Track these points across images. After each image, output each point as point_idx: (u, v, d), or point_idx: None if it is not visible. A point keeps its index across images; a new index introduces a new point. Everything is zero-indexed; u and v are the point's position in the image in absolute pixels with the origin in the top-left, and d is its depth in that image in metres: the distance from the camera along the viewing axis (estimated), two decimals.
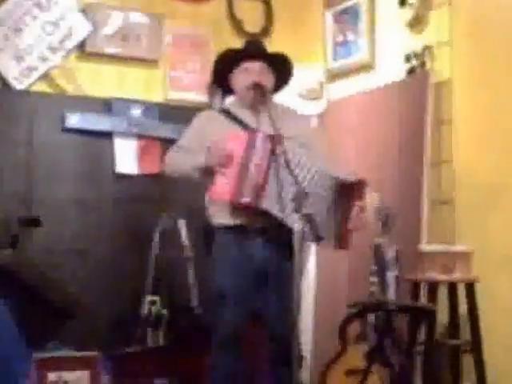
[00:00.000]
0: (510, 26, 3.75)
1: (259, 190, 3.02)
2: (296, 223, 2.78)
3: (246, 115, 3.30)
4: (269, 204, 3.04)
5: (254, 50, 3.39)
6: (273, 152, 3.05)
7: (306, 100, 4.70)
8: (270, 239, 3.17)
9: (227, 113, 3.34)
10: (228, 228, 3.20)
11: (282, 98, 3.56)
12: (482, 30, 3.90)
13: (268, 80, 3.33)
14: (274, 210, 3.04)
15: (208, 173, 3.17)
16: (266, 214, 3.08)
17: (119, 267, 4.45)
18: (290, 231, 2.82)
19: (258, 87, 3.26)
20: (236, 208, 3.13)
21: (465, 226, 3.92)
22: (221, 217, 3.21)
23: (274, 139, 3.03)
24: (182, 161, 3.27)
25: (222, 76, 3.41)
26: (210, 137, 3.22)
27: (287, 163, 2.97)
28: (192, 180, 3.27)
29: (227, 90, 3.45)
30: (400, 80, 4.27)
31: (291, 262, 2.80)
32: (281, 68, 3.39)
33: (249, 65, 3.31)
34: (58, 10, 4.50)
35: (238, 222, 3.17)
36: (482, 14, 3.90)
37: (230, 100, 3.59)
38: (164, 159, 3.42)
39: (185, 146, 3.32)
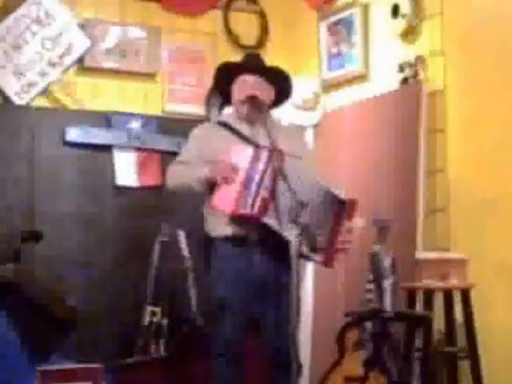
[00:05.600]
0: (501, 35, 3.79)
1: (265, 205, 3.06)
2: (293, 235, 2.83)
3: (242, 128, 3.33)
4: (268, 217, 3.08)
5: (250, 63, 3.42)
6: (275, 161, 3.07)
7: (302, 111, 4.74)
8: (268, 250, 3.20)
9: (225, 125, 3.36)
10: (227, 239, 3.23)
11: (279, 108, 3.60)
12: (474, 39, 3.94)
13: (265, 94, 3.34)
14: (273, 223, 3.07)
15: (210, 185, 3.21)
16: (264, 225, 3.11)
17: (120, 279, 4.51)
18: (288, 242, 2.86)
19: (252, 100, 3.28)
20: (234, 220, 3.17)
21: (459, 233, 3.95)
22: (220, 228, 3.24)
23: (276, 154, 3.06)
24: (184, 174, 3.30)
25: (223, 86, 3.43)
26: (210, 149, 3.26)
27: (284, 176, 3.00)
28: (193, 193, 3.30)
29: (227, 99, 3.46)
30: (393, 90, 4.31)
31: (289, 272, 2.82)
32: (280, 82, 3.40)
33: (245, 78, 3.34)
34: (57, 26, 4.58)
35: (236, 233, 3.21)
36: (473, 24, 3.94)
37: (226, 112, 3.64)
38: (166, 175, 3.43)
39: (185, 161, 3.34)
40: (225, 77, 3.39)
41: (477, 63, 3.93)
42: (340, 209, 3.16)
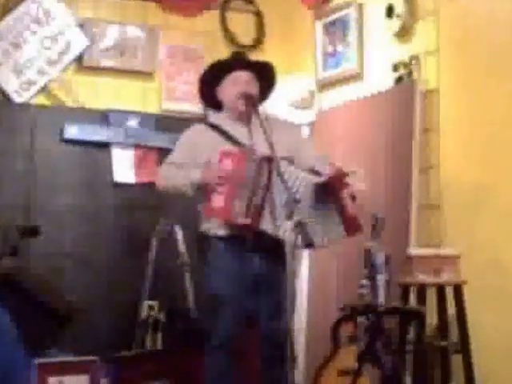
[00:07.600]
0: (495, 35, 3.83)
1: (258, 212, 3.08)
2: (287, 232, 2.86)
3: (236, 128, 3.33)
4: (264, 221, 3.09)
5: (241, 60, 3.44)
6: (268, 169, 3.10)
7: (297, 109, 4.78)
8: (264, 247, 3.21)
9: (216, 127, 3.37)
10: (223, 238, 3.26)
11: (274, 107, 3.64)
12: (468, 39, 3.97)
13: (255, 90, 3.37)
14: (268, 227, 3.08)
15: (202, 189, 3.22)
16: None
17: (118, 273, 4.55)
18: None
19: (246, 97, 3.30)
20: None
21: (452, 229, 3.98)
22: (215, 228, 3.26)
23: (270, 157, 3.07)
24: (175, 177, 3.30)
25: (208, 92, 3.43)
26: (201, 151, 3.27)
27: (281, 175, 3.02)
28: (184, 195, 3.30)
29: (215, 106, 3.48)
30: (388, 89, 4.34)
31: (284, 267, 2.84)
32: (265, 78, 3.43)
33: (236, 75, 3.35)
34: (56, 25, 4.62)
35: (232, 233, 3.23)
36: (468, 24, 3.98)
37: (220, 113, 3.66)
38: (157, 175, 3.47)
39: (176, 162, 3.35)
40: (212, 79, 3.39)
41: (471, 63, 3.96)
42: (329, 188, 3.21)
